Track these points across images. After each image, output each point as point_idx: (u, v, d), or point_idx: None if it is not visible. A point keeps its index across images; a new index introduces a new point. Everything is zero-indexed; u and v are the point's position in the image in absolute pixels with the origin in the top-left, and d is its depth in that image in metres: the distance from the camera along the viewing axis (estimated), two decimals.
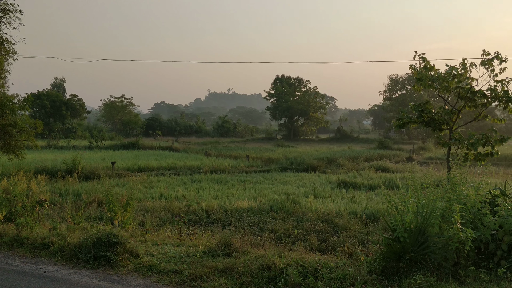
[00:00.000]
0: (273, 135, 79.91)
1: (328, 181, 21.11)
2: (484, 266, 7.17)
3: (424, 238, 7.11)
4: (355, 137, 71.71)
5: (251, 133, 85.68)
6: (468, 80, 13.96)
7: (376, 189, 18.32)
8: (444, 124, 14.28)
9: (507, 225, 7.29)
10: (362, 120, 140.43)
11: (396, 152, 38.73)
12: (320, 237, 10.98)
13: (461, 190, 7.85)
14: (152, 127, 79.42)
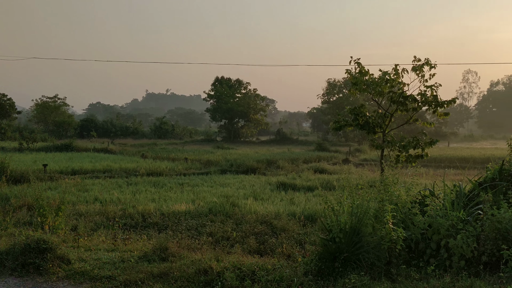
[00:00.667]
0: (213, 137, 79.56)
1: (267, 183, 21.23)
2: (414, 264, 7.44)
3: (359, 238, 7.27)
4: (295, 139, 72.75)
5: (190, 135, 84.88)
6: (400, 85, 14.50)
7: (314, 190, 18.62)
8: (378, 127, 14.75)
9: (436, 225, 7.60)
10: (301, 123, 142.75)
11: (333, 154, 39.63)
12: (259, 239, 10.98)
13: (393, 191, 8.10)
14: (87, 128, 76.85)
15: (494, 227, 7.32)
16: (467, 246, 7.18)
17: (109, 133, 77.75)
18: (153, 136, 78.40)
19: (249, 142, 71.77)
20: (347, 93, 70.69)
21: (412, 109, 14.60)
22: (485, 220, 7.47)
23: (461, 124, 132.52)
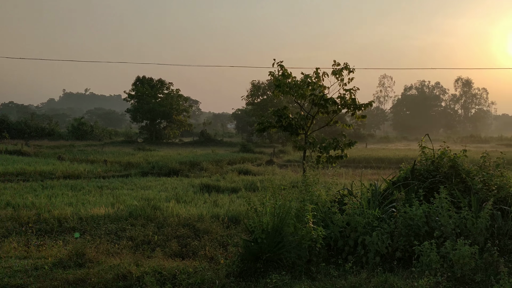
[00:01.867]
0: (134, 138, 77.50)
1: (191, 185, 20.98)
2: (333, 262, 7.65)
3: (280, 238, 7.36)
4: (219, 141, 72.66)
5: (110, 136, 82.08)
6: (321, 88, 14.91)
7: (239, 192, 18.64)
8: (300, 128, 15.06)
9: (353, 222, 7.87)
10: (226, 124, 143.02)
11: (258, 155, 40.00)
12: (181, 242, 10.79)
13: (313, 191, 8.29)
14: None
15: (407, 223, 7.70)
16: (382, 242, 7.50)
17: (23, 134, 73.37)
18: (70, 138, 74.95)
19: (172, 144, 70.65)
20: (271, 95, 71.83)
21: (332, 111, 15.04)
22: (398, 218, 7.84)
23: (378, 126, 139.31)
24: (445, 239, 7.53)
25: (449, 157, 9.98)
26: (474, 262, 6.83)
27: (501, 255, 7.35)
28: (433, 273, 6.71)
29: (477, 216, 7.81)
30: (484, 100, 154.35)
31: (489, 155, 9.97)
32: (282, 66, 14.60)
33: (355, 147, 16.51)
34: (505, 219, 8.33)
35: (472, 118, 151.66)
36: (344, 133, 15.80)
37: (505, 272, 6.02)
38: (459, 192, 9.05)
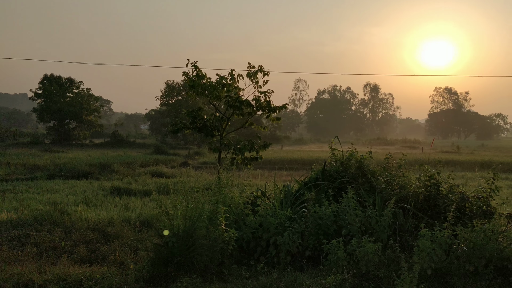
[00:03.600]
0: (41, 139, 73.20)
1: (101, 188, 20.20)
2: (245, 263, 7.70)
3: (192, 241, 7.27)
4: (132, 142, 70.60)
5: (14, 137, 76.87)
6: (237, 90, 14.97)
7: (151, 195, 18.24)
8: (215, 130, 15.02)
9: (266, 223, 7.97)
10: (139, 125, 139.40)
11: (172, 157, 39.38)
12: (90, 247, 10.34)
13: (227, 193, 8.29)
14: None
15: (316, 223, 7.93)
16: (293, 242, 7.66)
17: None
18: None
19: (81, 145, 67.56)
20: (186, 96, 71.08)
21: (247, 113, 15.14)
22: (309, 217, 8.06)
23: (293, 128, 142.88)
24: (352, 237, 7.85)
25: (356, 159, 10.43)
26: (378, 258, 7.17)
27: (402, 251, 7.79)
28: (340, 270, 6.96)
29: (381, 214, 8.22)
30: (390, 105, 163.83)
31: (392, 157, 10.54)
32: (196, 67, 14.48)
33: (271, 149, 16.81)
34: (406, 216, 8.85)
35: (379, 122, 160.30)
36: (259, 135, 15.98)
37: (405, 268, 6.37)
38: (365, 191, 9.48)
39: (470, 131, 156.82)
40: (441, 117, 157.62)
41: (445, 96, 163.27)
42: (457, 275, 7.05)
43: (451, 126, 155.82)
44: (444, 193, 9.44)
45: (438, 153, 47.48)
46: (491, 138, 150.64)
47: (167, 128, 26.86)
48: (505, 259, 7.17)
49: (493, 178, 9.13)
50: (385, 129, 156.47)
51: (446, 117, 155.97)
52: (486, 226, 7.41)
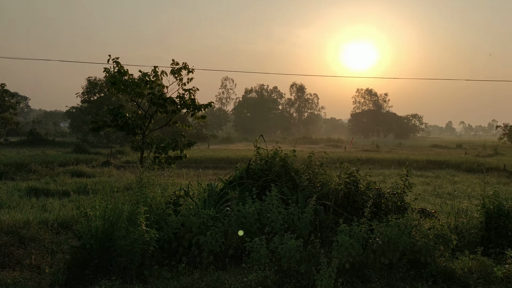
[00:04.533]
0: None
1: (16, 189, 19.04)
2: (167, 264, 7.56)
3: (111, 243, 7.04)
4: (51, 141, 67.31)
5: None
6: (160, 87, 14.69)
7: (71, 195, 17.48)
8: (138, 128, 14.65)
9: (188, 223, 7.87)
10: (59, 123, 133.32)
11: (94, 156, 37.97)
12: (3, 251, 9.70)
13: (148, 193, 8.10)
14: None
15: (240, 221, 7.95)
16: (216, 241, 7.63)
17: None
18: None
19: None
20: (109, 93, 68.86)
21: (171, 111, 14.90)
22: (232, 216, 8.06)
23: (220, 127, 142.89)
24: (275, 234, 7.94)
25: (280, 157, 10.57)
26: (299, 254, 7.31)
27: (323, 246, 7.99)
28: (262, 267, 7.02)
29: (303, 212, 8.39)
30: (316, 105, 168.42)
31: (315, 155, 10.80)
32: (118, 63, 14.05)
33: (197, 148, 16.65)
34: (327, 213, 9.10)
35: (305, 121, 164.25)
36: (184, 134, 15.78)
37: (324, 263, 6.54)
38: (289, 189, 9.64)
39: (389, 130, 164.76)
40: (362, 117, 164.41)
41: (366, 97, 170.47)
42: (373, 268, 7.34)
43: (372, 126, 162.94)
44: (362, 190, 9.80)
45: (359, 152, 49.41)
46: (408, 137, 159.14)
47: (88, 126, 25.78)
48: (417, 252, 7.56)
49: (407, 175, 9.61)
50: (311, 129, 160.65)
51: (367, 117, 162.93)
52: (400, 220, 7.78)
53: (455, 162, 35.23)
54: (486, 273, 7.56)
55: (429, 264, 7.50)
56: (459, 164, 33.93)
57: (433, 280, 7.26)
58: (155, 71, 14.31)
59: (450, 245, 7.94)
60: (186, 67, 14.52)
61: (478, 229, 9.46)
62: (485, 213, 9.43)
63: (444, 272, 7.47)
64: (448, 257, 7.91)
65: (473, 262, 7.83)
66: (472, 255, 7.94)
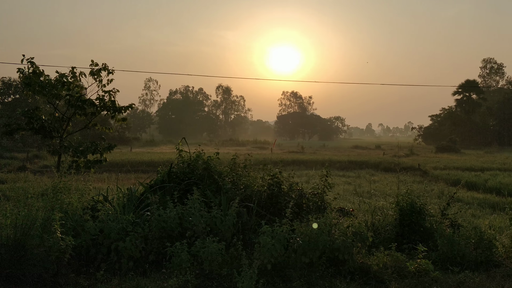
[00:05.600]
0: None
1: None
2: (85, 271, 7.28)
3: (24, 252, 6.66)
4: None
5: None
6: (78, 88, 14.11)
7: None
8: (55, 131, 13.99)
9: (107, 229, 7.62)
10: None
11: (8, 161, 35.87)
12: None
13: (63, 198, 7.75)
14: None
15: (160, 226, 7.81)
16: (136, 247, 7.44)
17: None
18: None
19: None
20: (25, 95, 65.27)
21: (90, 113, 14.36)
22: (153, 221, 7.90)
23: (144, 129, 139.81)
24: (197, 238, 7.87)
25: (203, 160, 10.51)
26: (221, 257, 7.30)
27: (245, 248, 8.04)
28: (184, 272, 6.94)
29: (226, 214, 8.39)
30: (242, 107, 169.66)
31: (238, 157, 10.84)
32: (33, 63, 13.34)
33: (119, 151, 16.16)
34: (250, 214, 9.16)
35: (231, 123, 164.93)
36: (103, 137, 15.25)
37: (246, 264, 6.57)
38: (212, 192, 9.60)
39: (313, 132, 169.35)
40: (288, 119, 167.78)
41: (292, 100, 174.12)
42: (294, 268, 7.48)
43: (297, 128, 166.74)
44: (285, 191, 9.97)
45: (285, 153, 50.35)
46: (331, 138, 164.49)
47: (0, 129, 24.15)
48: (336, 250, 7.79)
49: (326, 176, 9.89)
50: (238, 131, 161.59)
51: (293, 119, 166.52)
52: (319, 220, 7.98)
53: (374, 162, 36.84)
54: (400, 268, 7.94)
55: (347, 261, 7.75)
56: (377, 164, 35.50)
57: (351, 276, 7.52)
58: (73, 72, 13.73)
59: (367, 242, 8.26)
60: (106, 68, 14.06)
61: (393, 226, 9.90)
62: (399, 210, 9.90)
63: (361, 268, 7.76)
64: (365, 253, 8.24)
65: (388, 258, 8.20)
66: (387, 251, 8.31)
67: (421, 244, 8.60)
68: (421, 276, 7.65)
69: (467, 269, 8.02)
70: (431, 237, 9.34)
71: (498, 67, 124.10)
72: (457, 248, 8.56)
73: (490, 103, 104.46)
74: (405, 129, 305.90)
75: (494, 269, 8.22)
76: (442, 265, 8.31)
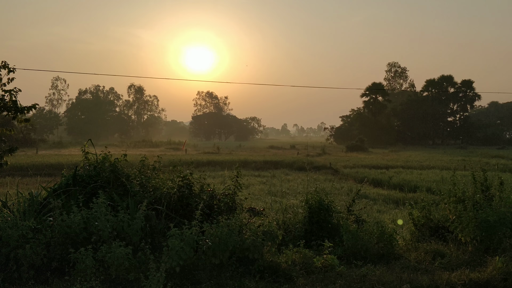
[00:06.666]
0: None
1: None
2: None
3: None
4: None
5: None
6: None
7: None
8: None
9: (5, 237, 7.18)
10: None
11: None
12: None
13: None
14: None
15: (64, 231, 7.45)
16: (37, 254, 7.05)
17: None
18: None
19: None
20: None
21: None
22: (56, 227, 7.51)
23: (51, 130, 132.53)
24: (104, 243, 7.59)
25: (110, 162, 10.15)
26: (129, 262, 7.10)
27: (154, 252, 7.87)
28: (88, 278, 6.66)
29: (134, 218, 8.16)
30: (155, 107, 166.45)
31: (147, 159, 10.60)
32: None
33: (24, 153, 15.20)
34: (159, 217, 8.99)
35: (144, 124, 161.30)
36: (5, 139, 14.27)
37: (154, 268, 6.44)
38: (119, 195, 9.30)
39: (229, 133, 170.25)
40: (204, 120, 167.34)
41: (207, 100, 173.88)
42: (204, 269, 7.45)
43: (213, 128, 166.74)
44: (196, 193, 9.89)
45: (200, 154, 50.10)
46: (248, 139, 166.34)
47: None
48: (246, 250, 7.87)
49: (237, 176, 9.95)
50: (151, 131, 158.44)
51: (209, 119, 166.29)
52: (230, 220, 8.01)
53: (289, 161, 37.73)
54: (308, 264, 8.18)
55: (257, 260, 7.86)
56: (292, 164, 36.39)
57: (261, 275, 7.63)
58: None
59: (277, 240, 8.42)
60: (6, 66, 13.15)
61: (303, 223, 10.19)
62: (308, 208, 10.20)
63: (271, 267, 7.90)
64: (275, 252, 8.39)
65: (296, 255, 8.41)
66: (295, 249, 8.53)
67: (328, 240, 8.93)
68: (327, 271, 7.94)
69: (370, 262, 8.44)
70: (337, 233, 9.71)
71: (401, 71, 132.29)
72: (361, 242, 8.97)
73: (395, 105, 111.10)
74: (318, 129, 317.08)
75: (394, 261, 8.71)
76: (347, 259, 8.68)
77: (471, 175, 10.89)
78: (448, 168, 31.93)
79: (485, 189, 10.68)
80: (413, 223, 10.62)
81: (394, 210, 15.50)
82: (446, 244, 9.63)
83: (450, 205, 10.11)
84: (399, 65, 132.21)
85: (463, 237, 9.39)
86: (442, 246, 9.50)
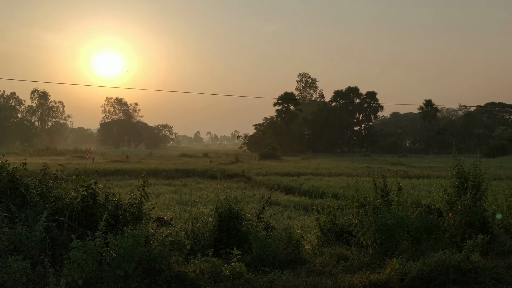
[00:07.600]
0: None
1: None
2: None
3: None
4: None
5: None
6: None
7: None
8: None
9: None
10: None
11: None
12: None
13: None
14: None
15: None
16: None
17: None
18: None
19: None
20: None
21: None
22: None
23: None
24: None
25: (8, 171, 9.50)
26: (26, 276, 6.69)
27: (55, 265, 7.47)
28: None
29: (33, 230, 7.70)
30: (61, 113, 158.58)
31: (49, 168, 10.05)
32: None
33: None
34: (61, 229, 8.54)
35: (49, 131, 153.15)
36: None
37: (53, 282, 6.11)
38: (17, 206, 8.74)
39: (140, 140, 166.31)
40: (112, 127, 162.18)
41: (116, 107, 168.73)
42: (108, 282, 7.18)
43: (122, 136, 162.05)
44: (101, 203, 9.50)
45: (108, 163, 48.32)
46: (159, 147, 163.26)
47: None
48: (153, 260, 7.70)
49: (144, 186, 9.70)
50: (56, 139, 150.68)
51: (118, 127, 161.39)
52: (135, 231, 7.79)
53: (201, 170, 37.53)
54: (216, 273, 8.16)
55: (164, 270, 7.71)
56: (204, 172, 36.21)
57: (167, 285, 7.51)
58: None
59: (184, 250, 8.33)
60: None
61: (212, 232, 10.16)
62: (218, 216, 10.19)
63: (178, 277, 7.79)
64: (182, 261, 8.29)
65: (205, 264, 8.36)
66: (204, 258, 8.47)
67: (237, 248, 8.96)
68: (235, 279, 7.97)
69: (278, 268, 8.59)
70: (247, 241, 9.79)
71: (312, 82, 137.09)
72: (270, 249, 9.12)
73: (306, 114, 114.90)
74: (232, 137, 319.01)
75: (301, 266, 8.95)
76: (256, 266, 8.77)
77: (373, 181, 11.50)
78: (354, 175, 33.51)
79: (385, 194, 11.33)
80: (320, 228, 10.99)
81: (303, 216, 15.95)
82: (349, 248, 10.06)
83: (353, 210, 10.59)
84: (310, 76, 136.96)
85: (364, 240, 9.86)
86: (346, 250, 9.91)
